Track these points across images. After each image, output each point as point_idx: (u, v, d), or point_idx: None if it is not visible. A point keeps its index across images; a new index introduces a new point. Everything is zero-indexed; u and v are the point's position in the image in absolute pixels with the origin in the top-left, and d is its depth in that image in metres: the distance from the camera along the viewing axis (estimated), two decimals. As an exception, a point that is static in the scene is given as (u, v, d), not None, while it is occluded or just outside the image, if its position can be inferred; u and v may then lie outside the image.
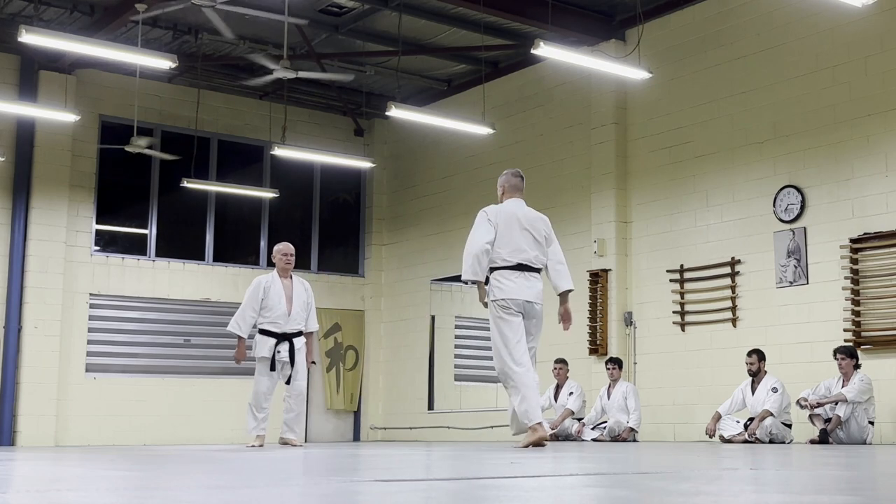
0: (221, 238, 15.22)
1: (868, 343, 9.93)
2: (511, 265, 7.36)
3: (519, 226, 7.45)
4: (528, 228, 7.47)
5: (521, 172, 7.90)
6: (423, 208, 15.51)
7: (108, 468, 4.73)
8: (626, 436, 11.15)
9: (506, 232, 7.39)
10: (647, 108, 12.30)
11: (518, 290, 7.33)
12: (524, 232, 7.45)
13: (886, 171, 10.03)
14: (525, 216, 7.52)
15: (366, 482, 3.48)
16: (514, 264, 7.36)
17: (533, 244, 7.45)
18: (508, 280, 7.35)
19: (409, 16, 12.50)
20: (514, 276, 7.36)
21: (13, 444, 12.91)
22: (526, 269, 7.40)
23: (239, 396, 14.69)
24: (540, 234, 7.52)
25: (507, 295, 7.30)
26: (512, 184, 7.75)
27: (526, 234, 7.46)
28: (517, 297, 7.31)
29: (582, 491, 3.11)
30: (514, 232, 7.41)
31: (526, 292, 7.34)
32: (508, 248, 7.37)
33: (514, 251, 7.37)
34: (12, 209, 13.32)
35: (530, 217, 7.55)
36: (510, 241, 7.38)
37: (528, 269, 7.41)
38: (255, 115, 15.23)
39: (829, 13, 10.40)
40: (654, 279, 12.02)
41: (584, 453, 6.63)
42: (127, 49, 10.59)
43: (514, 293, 7.31)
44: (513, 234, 7.40)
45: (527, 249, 7.40)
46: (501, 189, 7.77)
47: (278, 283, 9.36)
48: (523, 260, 7.38)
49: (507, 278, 7.35)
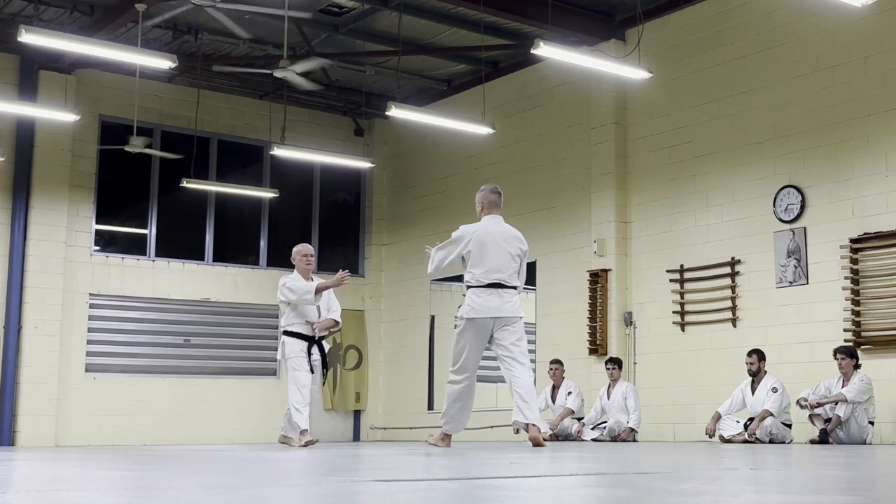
0: (221, 238, 15.22)
1: (868, 343, 9.93)
2: (484, 284, 7.62)
3: (494, 244, 7.68)
4: (505, 246, 7.70)
5: (498, 189, 8.11)
6: (423, 208, 15.51)
7: (108, 468, 4.73)
8: (626, 436, 11.15)
9: (480, 252, 7.65)
10: (647, 108, 12.30)
11: (489, 308, 7.59)
12: (500, 250, 7.68)
13: (886, 171, 10.03)
14: (501, 234, 7.77)
15: (366, 482, 3.48)
16: (486, 284, 7.61)
17: (508, 262, 7.68)
18: (480, 298, 7.62)
19: (409, 16, 12.50)
20: (487, 295, 7.62)
21: (13, 444, 12.90)
22: (499, 287, 7.64)
23: (239, 396, 14.73)
24: (515, 251, 7.75)
25: (476, 314, 7.60)
26: (490, 200, 7.97)
27: (502, 251, 7.68)
28: (486, 315, 7.59)
29: (582, 491, 3.11)
30: (490, 252, 7.65)
31: (497, 309, 7.59)
32: (481, 269, 7.63)
33: (487, 271, 7.62)
34: (12, 209, 13.31)
35: (507, 235, 7.79)
36: (483, 261, 7.63)
37: (501, 286, 7.64)
38: (255, 115, 15.23)
39: (829, 13, 10.40)
40: (654, 279, 12.02)
41: (584, 453, 6.64)
42: (127, 49, 10.59)
43: (484, 312, 7.59)
44: (487, 254, 7.64)
45: (500, 269, 7.64)
46: (480, 206, 8.01)
47: (304, 284, 9.17)
48: (496, 280, 7.63)
49: (479, 296, 7.63)
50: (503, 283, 7.63)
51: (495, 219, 7.89)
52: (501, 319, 7.60)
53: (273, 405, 14.52)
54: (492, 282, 7.61)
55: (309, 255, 9.34)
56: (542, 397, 12.03)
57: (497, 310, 7.58)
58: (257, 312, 15.15)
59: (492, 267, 7.61)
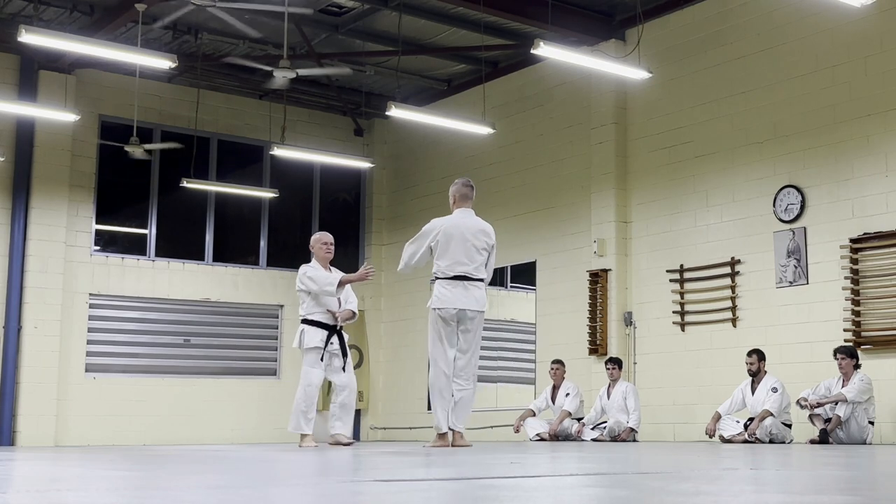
0: (221, 238, 15.22)
1: (868, 343, 9.93)
2: (449, 277, 7.78)
3: (461, 238, 7.83)
4: (471, 239, 7.86)
5: (471, 182, 8.31)
6: (423, 208, 15.50)
7: (108, 468, 4.73)
8: (626, 436, 11.15)
9: (446, 245, 7.82)
10: (646, 108, 12.30)
11: (454, 299, 7.75)
12: (466, 244, 7.83)
13: (886, 171, 10.03)
14: (469, 227, 7.92)
15: (366, 482, 3.48)
16: (451, 276, 7.77)
17: (474, 255, 7.83)
18: (445, 290, 7.79)
19: (409, 16, 12.50)
20: (452, 286, 7.77)
21: (13, 444, 12.90)
22: (465, 279, 7.79)
23: (239, 396, 14.73)
24: (481, 244, 7.89)
25: (442, 304, 7.76)
26: (462, 193, 8.18)
27: (468, 245, 7.83)
28: (450, 306, 7.75)
29: (582, 491, 3.11)
30: (456, 244, 7.81)
31: (462, 301, 7.75)
32: (447, 261, 7.81)
33: (453, 264, 7.79)
34: (12, 209, 13.31)
35: (474, 228, 7.94)
36: (449, 254, 7.79)
37: (466, 279, 7.80)
38: (255, 115, 15.23)
39: (828, 13, 10.40)
40: (654, 279, 12.02)
41: (584, 453, 6.64)
42: (127, 49, 10.59)
43: (448, 303, 7.75)
44: (453, 247, 7.80)
45: (466, 262, 7.81)
46: (452, 199, 8.22)
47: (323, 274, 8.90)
48: (461, 272, 7.80)
49: (445, 287, 7.79)
50: (468, 275, 7.78)
51: (466, 212, 8.05)
52: (465, 312, 7.76)
53: (273, 405, 14.53)
54: (457, 274, 7.76)
55: (329, 242, 9.16)
56: (543, 397, 12.04)
57: (461, 301, 7.73)
58: (257, 312, 15.15)
59: (457, 259, 7.77)
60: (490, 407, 14.08)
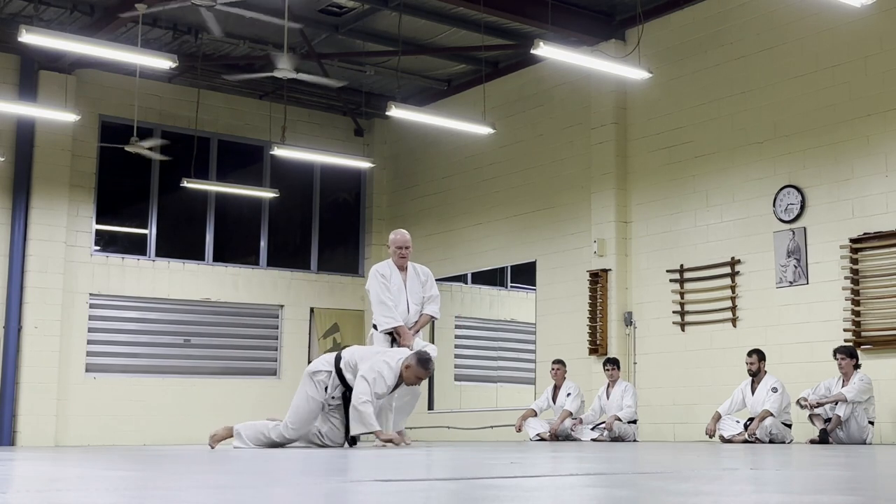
0: (221, 238, 15.23)
1: (868, 343, 9.93)
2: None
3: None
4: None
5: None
6: (423, 208, 15.51)
7: (108, 468, 4.73)
8: (611, 422, 11.06)
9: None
10: (647, 108, 12.30)
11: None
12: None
13: (886, 171, 10.03)
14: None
15: (366, 482, 3.48)
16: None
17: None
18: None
19: (409, 16, 12.50)
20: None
21: (13, 444, 12.90)
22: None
23: (239, 396, 14.72)
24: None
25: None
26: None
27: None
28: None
29: (582, 491, 3.11)
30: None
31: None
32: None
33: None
34: (12, 209, 13.32)
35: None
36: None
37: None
38: (255, 115, 15.23)
39: (828, 13, 10.40)
40: (654, 279, 12.02)
41: (583, 453, 6.64)
42: (127, 49, 10.58)
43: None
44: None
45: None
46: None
47: (397, 276, 8.37)
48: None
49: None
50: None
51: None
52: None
53: (273, 405, 14.51)
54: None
55: (404, 247, 8.40)
56: (544, 397, 12.03)
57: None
58: (257, 312, 15.16)
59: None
60: (490, 407, 14.09)
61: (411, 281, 8.41)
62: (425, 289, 8.47)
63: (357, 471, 4.27)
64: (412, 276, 8.44)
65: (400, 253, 8.38)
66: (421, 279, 8.47)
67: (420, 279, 8.47)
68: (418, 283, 8.44)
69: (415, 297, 8.40)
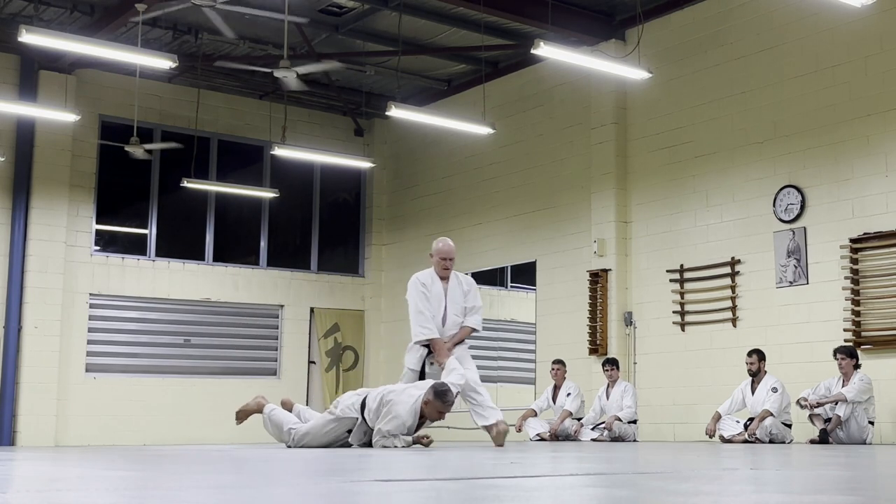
0: (221, 238, 15.23)
1: (868, 343, 9.93)
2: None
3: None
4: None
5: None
6: (423, 208, 15.51)
7: (108, 468, 4.73)
8: (611, 423, 11.08)
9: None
10: (647, 108, 12.30)
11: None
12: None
13: (886, 171, 10.03)
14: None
15: (366, 482, 3.48)
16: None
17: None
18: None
19: (409, 16, 12.50)
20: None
21: (13, 444, 12.90)
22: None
23: (239, 396, 14.68)
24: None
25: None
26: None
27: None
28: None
29: (582, 491, 3.11)
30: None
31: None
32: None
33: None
34: (12, 209, 13.32)
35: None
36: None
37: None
38: (255, 114, 15.24)
39: (828, 13, 10.40)
40: (654, 279, 12.02)
41: (583, 453, 6.64)
42: (127, 49, 10.58)
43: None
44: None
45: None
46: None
47: (438, 286, 8.05)
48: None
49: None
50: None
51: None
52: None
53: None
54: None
55: (448, 258, 8.01)
56: (544, 397, 12.02)
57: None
58: (257, 312, 15.15)
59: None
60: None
61: (452, 291, 8.04)
62: (467, 299, 8.08)
63: (357, 471, 4.27)
64: (454, 286, 8.06)
65: (444, 265, 8.01)
66: (464, 289, 8.09)
67: (462, 289, 8.08)
68: (460, 293, 8.05)
69: (455, 308, 8.02)
